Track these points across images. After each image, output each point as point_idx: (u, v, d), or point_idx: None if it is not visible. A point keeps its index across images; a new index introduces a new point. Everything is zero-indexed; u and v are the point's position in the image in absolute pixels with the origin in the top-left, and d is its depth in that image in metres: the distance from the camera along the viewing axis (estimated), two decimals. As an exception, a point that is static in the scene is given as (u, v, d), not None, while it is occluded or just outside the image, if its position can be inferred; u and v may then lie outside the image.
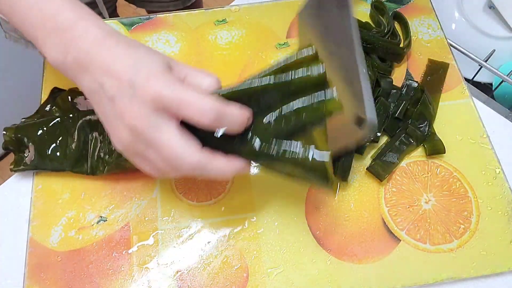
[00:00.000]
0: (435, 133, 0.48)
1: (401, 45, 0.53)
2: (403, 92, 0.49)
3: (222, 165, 0.34)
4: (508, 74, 0.56)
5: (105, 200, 0.45)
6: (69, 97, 0.48)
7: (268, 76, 0.35)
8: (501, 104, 0.54)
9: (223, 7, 0.56)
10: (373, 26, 0.54)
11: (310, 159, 0.35)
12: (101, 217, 0.44)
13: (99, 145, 0.46)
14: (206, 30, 0.55)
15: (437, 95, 0.50)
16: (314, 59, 0.35)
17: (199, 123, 0.32)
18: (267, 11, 0.56)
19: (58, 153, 0.46)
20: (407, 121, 0.48)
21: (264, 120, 0.36)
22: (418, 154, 0.47)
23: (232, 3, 0.57)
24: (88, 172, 0.45)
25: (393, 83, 0.50)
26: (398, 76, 0.52)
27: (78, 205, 0.45)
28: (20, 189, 0.46)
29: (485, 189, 0.45)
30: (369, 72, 0.48)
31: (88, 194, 0.45)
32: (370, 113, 0.33)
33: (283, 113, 0.36)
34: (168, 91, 0.32)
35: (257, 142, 0.36)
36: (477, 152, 0.47)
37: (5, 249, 0.44)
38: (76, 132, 0.46)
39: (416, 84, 0.50)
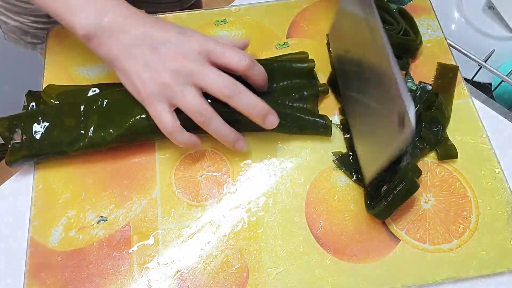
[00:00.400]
0: (448, 138, 0.47)
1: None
2: (417, 95, 0.49)
3: (254, 96, 0.41)
4: (508, 74, 0.56)
5: (105, 200, 0.45)
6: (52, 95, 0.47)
7: (277, 59, 0.50)
8: (501, 104, 0.54)
9: (223, 7, 0.56)
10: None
11: (314, 116, 0.47)
12: (101, 217, 0.44)
13: (97, 122, 0.44)
14: (206, 30, 0.55)
15: (449, 98, 0.50)
16: (307, 57, 0.50)
17: (238, 65, 0.41)
18: (267, 11, 0.56)
19: (54, 133, 0.44)
20: (420, 124, 0.47)
21: (275, 88, 0.47)
22: (418, 154, 0.47)
23: (232, 3, 0.57)
24: (88, 145, 0.44)
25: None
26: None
27: (78, 205, 0.45)
28: (20, 189, 0.46)
29: (484, 189, 0.45)
30: None
31: (88, 194, 0.45)
32: (408, 102, 0.34)
33: (289, 86, 0.48)
34: (214, 42, 0.41)
35: (274, 103, 0.44)
36: (477, 152, 0.47)
37: (5, 249, 0.44)
38: (73, 114, 0.45)
39: (430, 87, 0.49)
